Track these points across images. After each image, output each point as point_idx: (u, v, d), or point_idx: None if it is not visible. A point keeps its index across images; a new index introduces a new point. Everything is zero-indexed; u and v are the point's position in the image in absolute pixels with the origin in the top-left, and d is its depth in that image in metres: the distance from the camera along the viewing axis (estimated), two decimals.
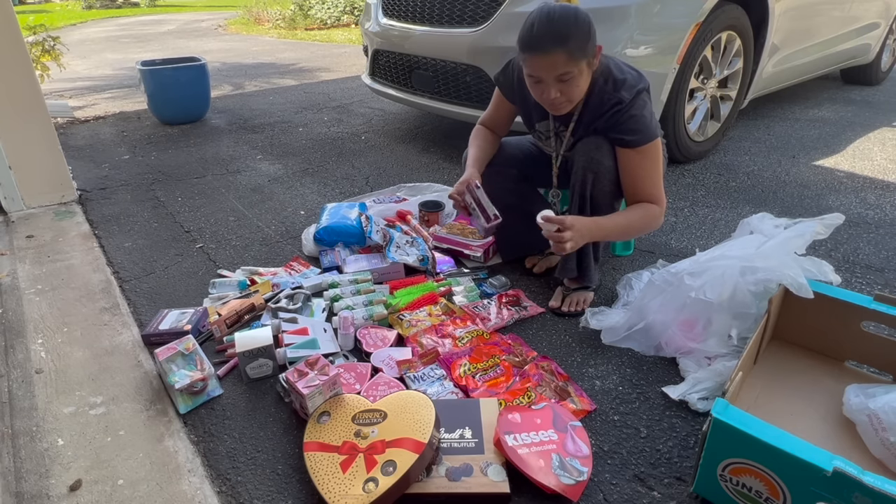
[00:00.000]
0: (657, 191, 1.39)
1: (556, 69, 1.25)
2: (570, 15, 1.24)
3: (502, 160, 1.63)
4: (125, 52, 7.09)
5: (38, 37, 3.81)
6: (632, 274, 1.59)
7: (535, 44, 1.24)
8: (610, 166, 1.38)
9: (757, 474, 0.88)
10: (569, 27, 1.23)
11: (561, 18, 1.23)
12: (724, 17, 2.32)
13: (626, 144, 1.35)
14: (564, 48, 1.23)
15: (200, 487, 1.03)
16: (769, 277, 1.19)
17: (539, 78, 1.29)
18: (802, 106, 3.60)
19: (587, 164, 1.38)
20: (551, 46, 1.23)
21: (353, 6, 9.30)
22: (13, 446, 1.13)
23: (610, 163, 1.38)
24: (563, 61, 1.24)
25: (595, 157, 1.37)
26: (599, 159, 1.37)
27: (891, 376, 1.21)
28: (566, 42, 1.22)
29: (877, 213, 2.09)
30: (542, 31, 1.24)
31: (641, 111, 1.33)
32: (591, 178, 1.38)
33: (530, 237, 1.70)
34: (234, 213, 2.22)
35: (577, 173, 1.41)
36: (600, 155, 1.37)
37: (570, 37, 1.23)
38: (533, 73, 1.29)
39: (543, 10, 1.25)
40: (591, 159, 1.38)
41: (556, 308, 1.54)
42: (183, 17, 12.93)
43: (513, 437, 1.03)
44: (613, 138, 1.36)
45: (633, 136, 1.33)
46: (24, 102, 2.10)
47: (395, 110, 3.76)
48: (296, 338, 1.36)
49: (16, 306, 1.59)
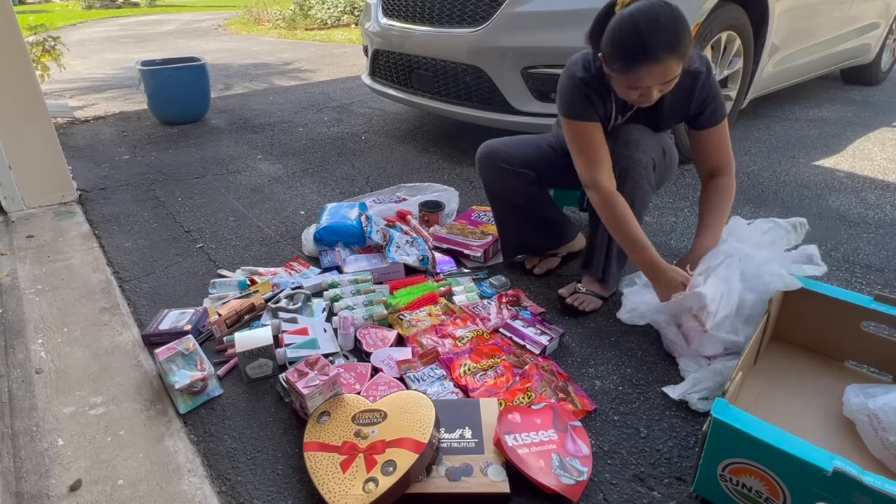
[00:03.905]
0: (733, 158, 1.42)
1: (666, 76, 1.16)
2: (672, 13, 1.12)
3: (521, 162, 1.56)
4: (125, 52, 7.09)
5: (39, 37, 3.81)
6: (634, 274, 1.59)
7: (647, 54, 1.12)
8: (642, 160, 1.35)
9: (757, 474, 0.88)
10: (677, 28, 1.12)
11: (668, 19, 1.11)
12: (724, 17, 2.32)
13: (718, 121, 1.35)
14: (676, 53, 1.12)
15: (200, 487, 1.03)
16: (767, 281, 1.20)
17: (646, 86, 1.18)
18: (802, 106, 3.60)
19: (617, 161, 1.36)
20: (665, 54, 1.12)
21: (353, 6, 9.30)
22: (13, 446, 1.13)
23: (643, 157, 1.35)
24: (674, 66, 1.14)
25: (626, 154, 1.35)
26: (631, 155, 1.35)
27: (891, 376, 1.21)
28: (678, 46, 1.12)
29: (877, 213, 2.09)
30: (652, 37, 1.11)
31: (716, 81, 1.32)
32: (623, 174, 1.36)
33: (534, 239, 1.70)
34: (234, 213, 2.22)
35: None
36: (630, 150, 1.35)
37: (681, 39, 1.12)
38: (639, 83, 1.17)
39: (644, 11, 1.12)
40: (622, 156, 1.36)
41: (563, 297, 1.54)
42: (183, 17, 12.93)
43: (513, 437, 1.03)
44: (705, 119, 1.35)
45: (722, 112, 1.34)
46: (24, 102, 2.10)
47: (395, 110, 3.76)
48: (296, 338, 1.36)
49: (16, 306, 1.59)
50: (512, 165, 1.56)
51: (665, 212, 2.13)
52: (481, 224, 1.90)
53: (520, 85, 2.31)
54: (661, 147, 1.44)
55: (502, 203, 1.65)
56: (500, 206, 1.66)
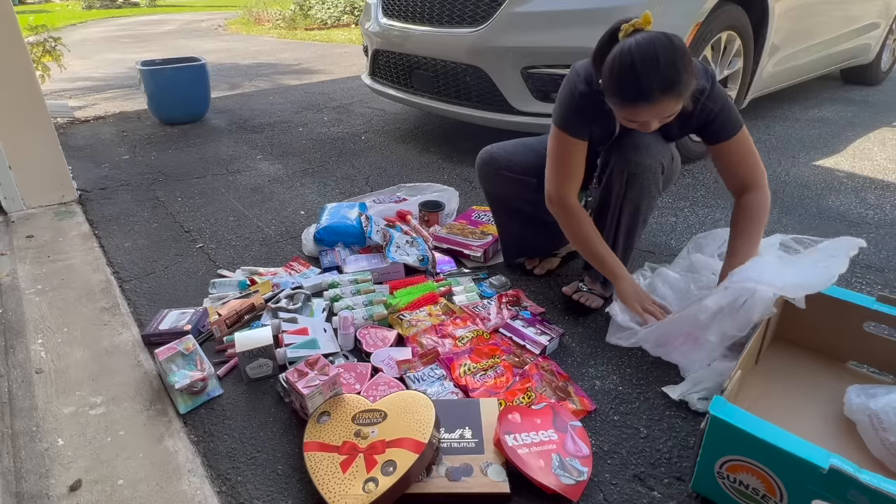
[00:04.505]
0: (762, 169, 1.31)
1: (662, 114, 1.13)
2: (672, 51, 1.07)
3: (521, 169, 1.53)
4: (125, 52, 7.09)
5: (40, 37, 3.81)
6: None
7: (643, 96, 1.09)
8: (650, 166, 1.31)
9: (754, 471, 0.88)
10: (678, 69, 1.07)
11: (667, 61, 1.06)
12: (724, 17, 2.32)
13: (730, 135, 1.27)
14: (674, 93, 1.08)
15: (200, 487, 1.03)
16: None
17: (643, 121, 1.16)
18: (802, 106, 3.60)
19: (625, 166, 1.32)
20: (661, 96, 1.08)
21: (353, 6, 9.31)
22: (13, 446, 1.13)
23: (651, 162, 1.31)
24: (672, 105, 1.11)
25: (634, 159, 1.31)
26: (639, 160, 1.31)
27: (892, 377, 1.21)
28: (676, 86, 1.08)
29: (877, 213, 2.09)
30: (650, 80, 1.07)
31: (724, 94, 1.25)
32: (630, 179, 1.32)
33: (534, 241, 1.70)
34: (234, 213, 2.22)
35: (614, 174, 1.34)
36: (639, 156, 1.31)
37: (681, 79, 1.08)
38: (635, 119, 1.15)
39: (643, 49, 1.07)
40: (630, 160, 1.31)
41: (568, 294, 1.54)
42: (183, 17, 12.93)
43: (513, 437, 1.03)
44: (714, 133, 1.28)
45: (733, 124, 1.27)
46: (24, 103, 2.10)
47: (395, 110, 3.76)
48: (296, 338, 1.36)
49: (16, 306, 1.59)
50: (512, 172, 1.54)
51: (665, 212, 2.13)
52: (481, 224, 1.90)
53: (520, 85, 2.31)
54: (670, 152, 1.42)
55: (503, 209, 1.65)
56: (501, 212, 1.66)
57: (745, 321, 1.13)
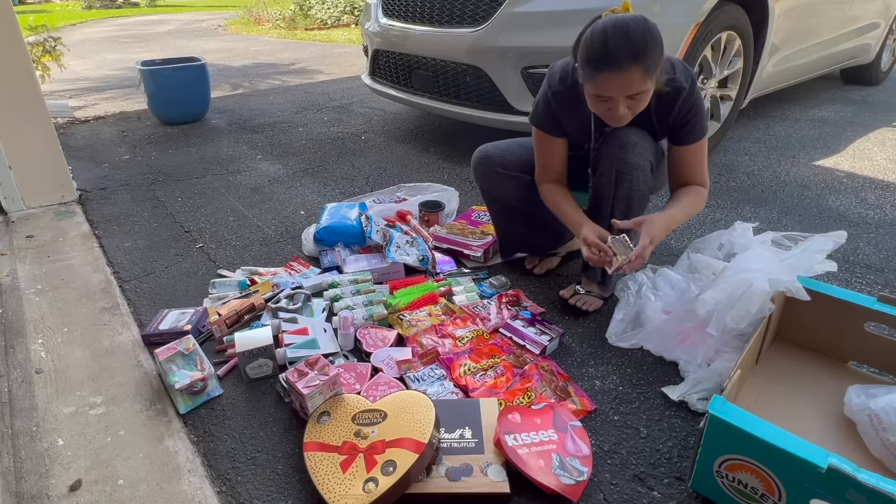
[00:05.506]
0: (707, 174, 1.41)
1: (630, 88, 1.15)
2: (645, 26, 1.12)
3: (517, 166, 1.55)
4: (125, 52, 7.09)
5: (40, 37, 3.81)
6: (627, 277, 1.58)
7: (610, 60, 1.12)
8: (639, 163, 1.33)
9: (752, 471, 0.89)
10: (646, 40, 1.11)
11: (637, 30, 1.11)
12: (724, 17, 2.32)
13: (697, 139, 1.33)
14: (641, 64, 1.12)
15: (200, 487, 1.03)
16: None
17: (609, 96, 1.19)
18: (802, 106, 3.60)
19: (613, 164, 1.34)
20: (627, 63, 1.11)
21: (353, 6, 9.30)
22: (13, 446, 1.13)
23: (639, 160, 1.33)
24: (638, 79, 1.14)
25: (621, 157, 1.32)
26: (627, 158, 1.32)
27: (893, 377, 1.21)
28: (643, 57, 1.11)
29: (877, 213, 2.09)
30: (618, 44, 1.11)
31: (700, 98, 1.31)
32: (619, 177, 1.34)
33: (533, 240, 1.70)
34: (234, 213, 2.22)
35: (603, 174, 1.36)
36: (626, 154, 1.32)
37: (648, 51, 1.12)
38: (603, 92, 1.18)
39: (615, 21, 1.13)
40: (618, 159, 1.33)
41: (565, 298, 1.54)
42: (183, 17, 12.93)
43: (513, 437, 1.03)
44: (683, 136, 1.33)
45: (701, 130, 1.33)
46: (24, 103, 2.10)
47: (395, 110, 3.76)
48: (296, 338, 1.36)
49: (16, 306, 1.59)
50: (508, 170, 1.55)
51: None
52: (481, 224, 1.90)
53: (520, 85, 2.31)
54: (658, 150, 1.43)
55: (499, 207, 1.65)
56: (498, 210, 1.66)
57: (744, 313, 1.15)
